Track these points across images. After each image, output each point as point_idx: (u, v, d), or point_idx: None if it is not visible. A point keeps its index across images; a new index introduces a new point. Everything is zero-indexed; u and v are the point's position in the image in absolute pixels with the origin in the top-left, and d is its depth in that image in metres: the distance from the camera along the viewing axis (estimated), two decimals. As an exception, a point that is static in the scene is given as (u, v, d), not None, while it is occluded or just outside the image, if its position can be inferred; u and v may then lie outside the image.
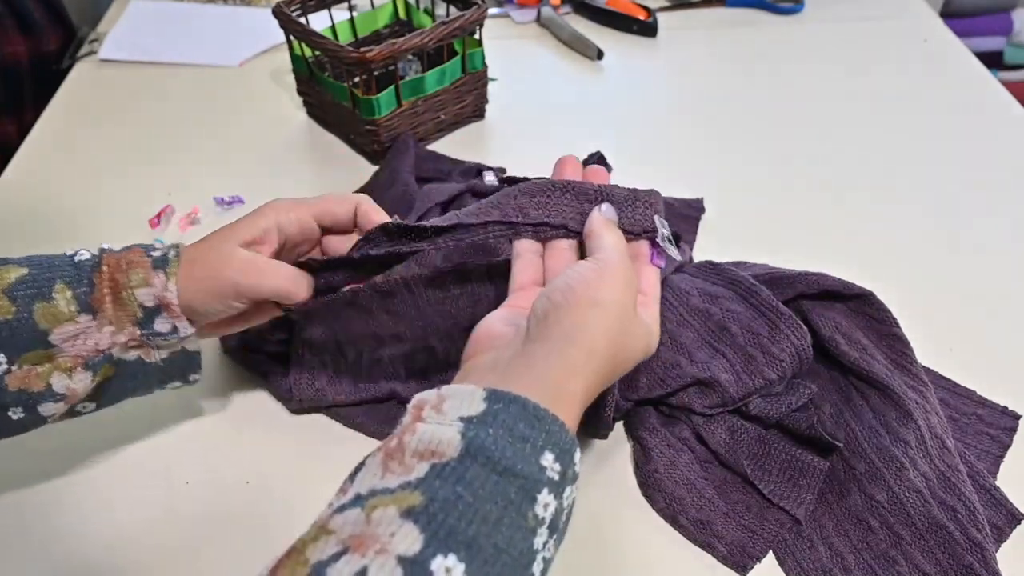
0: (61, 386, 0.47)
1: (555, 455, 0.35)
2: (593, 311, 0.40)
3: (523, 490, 0.33)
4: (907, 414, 0.55)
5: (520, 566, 0.32)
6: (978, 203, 0.80)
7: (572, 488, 0.37)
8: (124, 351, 0.49)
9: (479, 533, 0.31)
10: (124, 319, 0.48)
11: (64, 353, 0.47)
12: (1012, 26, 1.75)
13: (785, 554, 0.52)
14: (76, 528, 0.54)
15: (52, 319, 0.46)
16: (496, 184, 0.76)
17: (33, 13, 1.09)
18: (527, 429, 0.35)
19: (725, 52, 1.07)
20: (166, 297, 0.48)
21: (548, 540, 0.35)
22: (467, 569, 0.30)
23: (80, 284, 0.47)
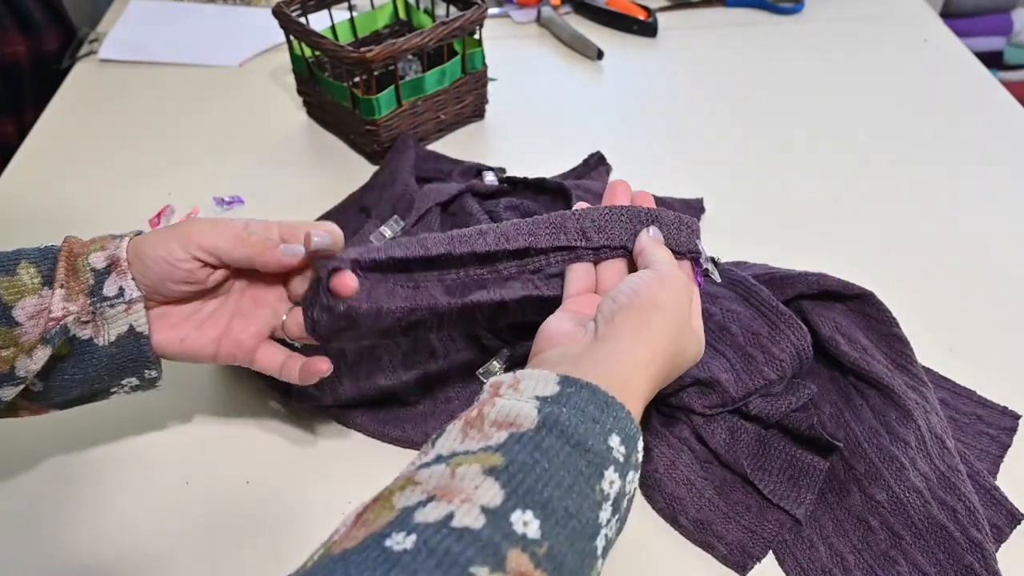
0: (23, 368, 0.47)
1: (621, 438, 0.38)
2: (656, 313, 0.43)
3: (592, 464, 0.36)
4: (907, 414, 0.55)
5: (587, 535, 0.35)
6: (978, 203, 0.80)
7: (635, 475, 0.39)
8: (79, 326, 0.48)
9: (553, 496, 0.34)
10: (75, 288, 0.47)
11: (27, 333, 0.46)
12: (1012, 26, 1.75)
13: (785, 554, 0.52)
14: (76, 528, 0.54)
15: (15, 293, 0.46)
16: (496, 184, 0.76)
17: (33, 13, 1.09)
18: (597, 412, 0.38)
19: (725, 52, 1.07)
20: (116, 254, 0.48)
21: (611, 518, 0.37)
22: (541, 525, 0.33)
23: (45, 263, 0.47)
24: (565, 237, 0.50)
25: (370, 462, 0.58)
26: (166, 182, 0.84)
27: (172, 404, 0.62)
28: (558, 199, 0.74)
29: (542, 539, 0.33)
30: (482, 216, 0.70)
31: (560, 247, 0.51)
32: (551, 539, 0.33)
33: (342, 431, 0.60)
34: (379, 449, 0.59)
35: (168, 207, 0.80)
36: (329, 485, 0.57)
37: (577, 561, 0.34)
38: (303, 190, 0.84)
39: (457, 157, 0.86)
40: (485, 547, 0.31)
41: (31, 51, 1.10)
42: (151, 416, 0.61)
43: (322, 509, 0.55)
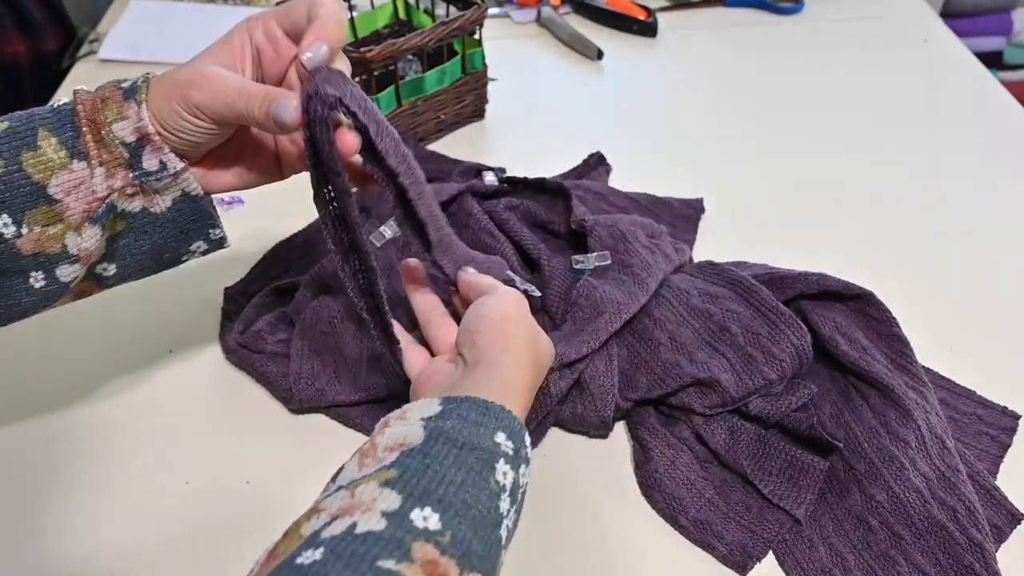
0: (74, 246, 0.46)
1: (507, 435, 0.40)
2: (509, 324, 0.47)
3: (482, 460, 0.38)
4: (907, 414, 0.55)
5: (489, 523, 0.37)
6: (978, 203, 0.80)
7: (527, 468, 0.42)
8: (125, 200, 0.46)
9: (448, 491, 0.36)
10: (112, 162, 0.45)
11: (71, 209, 0.45)
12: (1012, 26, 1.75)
13: (785, 554, 0.52)
14: (75, 528, 0.54)
15: (44, 169, 0.44)
16: (496, 184, 0.76)
17: (33, 13, 1.09)
18: (479, 416, 0.40)
19: (725, 52, 1.07)
20: (143, 127, 0.45)
21: (510, 509, 0.39)
22: (441, 517, 0.35)
23: (64, 129, 0.45)
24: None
25: (370, 462, 0.58)
26: (166, 182, 0.84)
27: (172, 404, 0.62)
28: (558, 199, 0.74)
29: (444, 529, 0.34)
30: (482, 216, 0.70)
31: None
32: (452, 528, 0.35)
33: (342, 431, 0.60)
34: (379, 449, 0.59)
35: (168, 207, 0.80)
36: (329, 485, 0.57)
37: (484, 547, 0.36)
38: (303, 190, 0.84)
39: (457, 157, 0.86)
40: (389, 543, 0.33)
41: (31, 51, 1.10)
42: (151, 416, 0.61)
43: (322, 509, 0.55)
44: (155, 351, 0.66)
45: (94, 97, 0.46)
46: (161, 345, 0.66)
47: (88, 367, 0.65)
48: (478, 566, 0.35)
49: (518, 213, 0.72)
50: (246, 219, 0.80)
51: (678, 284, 0.63)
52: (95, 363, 0.65)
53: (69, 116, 0.45)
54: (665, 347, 0.59)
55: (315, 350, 0.61)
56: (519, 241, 0.68)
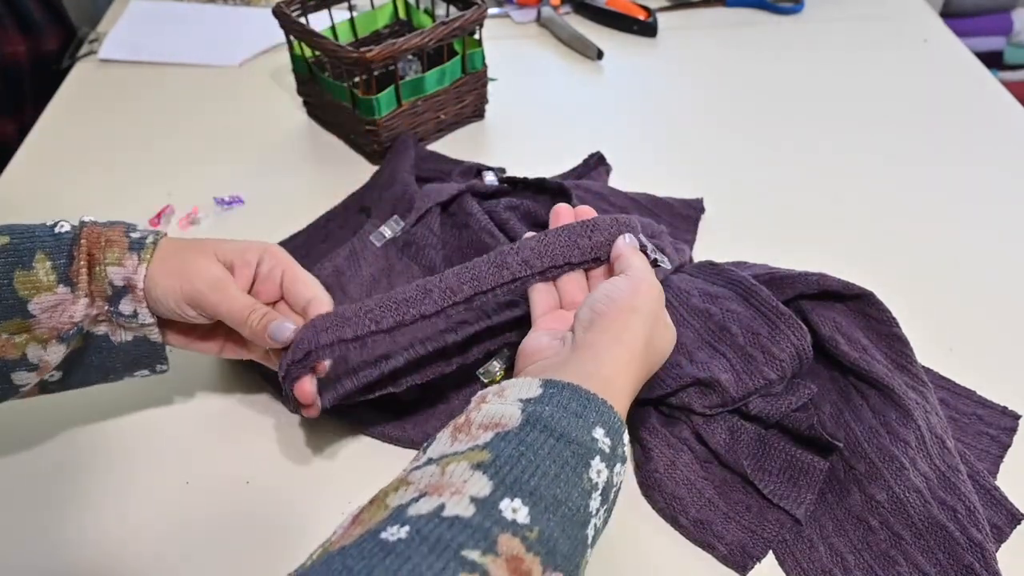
0: (35, 357, 0.49)
1: (605, 430, 0.40)
2: (633, 316, 0.46)
3: (577, 455, 0.38)
4: (907, 414, 0.55)
5: (577, 522, 0.36)
6: (978, 203, 0.80)
7: (622, 467, 0.41)
8: (93, 324, 0.51)
9: (540, 484, 0.36)
10: (96, 293, 0.50)
11: (41, 325, 0.49)
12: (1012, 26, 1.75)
13: (785, 554, 0.52)
14: (75, 528, 0.54)
15: (31, 288, 0.48)
16: (496, 184, 0.76)
17: (33, 13, 1.09)
18: (579, 407, 0.40)
19: (725, 52, 1.07)
20: (133, 280, 0.50)
21: (600, 508, 0.38)
22: (530, 512, 0.34)
23: (59, 256, 0.49)
24: (508, 272, 0.52)
25: (370, 462, 0.58)
26: (166, 182, 0.84)
27: (172, 404, 0.62)
28: (558, 199, 0.74)
29: (532, 524, 0.34)
30: (482, 216, 0.70)
31: (505, 282, 0.53)
32: (541, 524, 0.34)
33: (342, 431, 0.60)
34: (379, 449, 0.59)
35: (168, 207, 0.80)
36: (329, 485, 0.57)
37: (569, 546, 0.35)
38: (303, 190, 0.84)
39: (457, 157, 0.86)
40: (476, 532, 0.33)
41: (31, 51, 1.09)
42: (151, 416, 0.61)
43: (322, 509, 0.55)
44: (155, 351, 0.66)
45: (100, 233, 0.50)
46: (161, 345, 0.66)
47: (88, 367, 0.65)
48: (561, 565, 0.35)
49: (518, 213, 0.72)
50: (246, 219, 0.80)
51: (678, 284, 0.63)
52: (95, 363, 0.65)
53: (68, 245, 0.49)
54: (665, 347, 0.59)
55: (315, 350, 0.61)
56: (519, 241, 0.68)
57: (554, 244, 0.53)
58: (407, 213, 0.73)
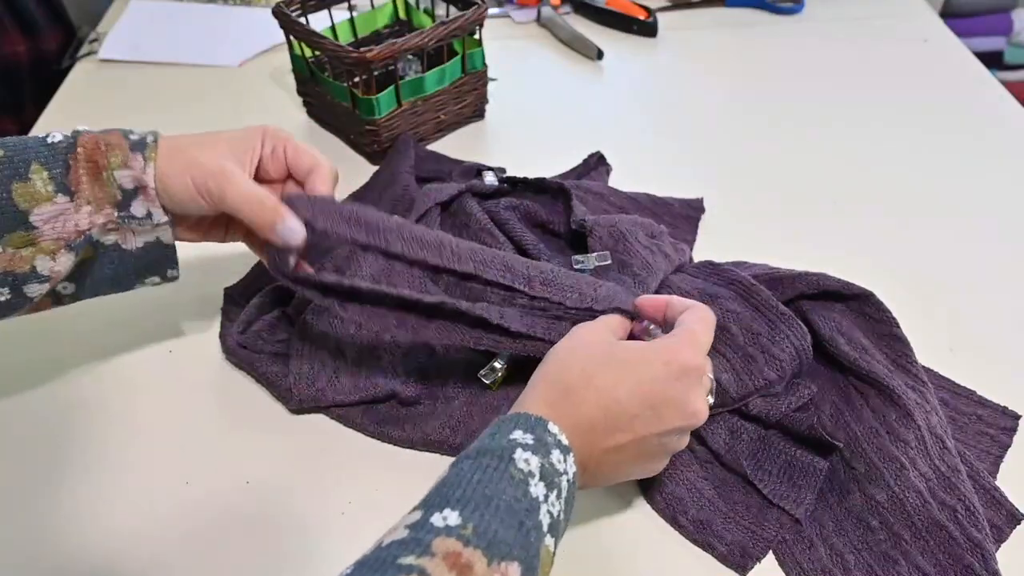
0: (45, 268, 0.50)
1: (523, 430, 0.41)
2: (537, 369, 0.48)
3: (497, 458, 0.39)
4: (907, 414, 0.55)
5: (520, 510, 0.37)
6: (978, 203, 0.80)
7: (560, 452, 0.41)
8: (103, 233, 0.51)
9: (466, 492, 0.37)
10: (103, 200, 0.50)
11: (45, 236, 0.49)
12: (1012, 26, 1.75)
13: (785, 554, 0.52)
14: (75, 528, 0.54)
15: (30, 199, 0.48)
16: (496, 184, 0.76)
17: (33, 13, 1.09)
18: (493, 430, 0.42)
19: (725, 52, 1.07)
20: (144, 179, 0.50)
21: (548, 493, 0.39)
22: (461, 513, 0.35)
23: (55, 165, 0.49)
24: (510, 276, 0.53)
25: (370, 462, 0.58)
26: (166, 182, 0.84)
27: (172, 404, 0.62)
28: (558, 199, 0.74)
29: (464, 522, 0.35)
30: (482, 216, 0.70)
31: (502, 284, 0.53)
32: (474, 520, 0.35)
33: (342, 431, 0.60)
34: (379, 449, 0.59)
35: (168, 207, 0.80)
36: (329, 485, 0.57)
37: (515, 535, 0.36)
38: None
39: (457, 157, 0.86)
40: (409, 544, 0.34)
41: (31, 51, 1.10)
42: (151, 416, 0.61)
43: (322, 509, 0.55)
44: (155, 351, 0.66)
45: (97, 139, 0.50)
46: (161, 345, 0.66)
47: (88, 367, 0.65)
48: (510, 554, 0.35)
49: (518, 213, 0.72)
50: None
51: (678, 284, 0.63)
52: (95, 363, 0.65)
53: (63, 153, 0.50)
54: (665, 347, 0.58)
55: (315, 350, 0.61)
56: (519, 241, 0.68)
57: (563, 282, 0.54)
58: (407, 213, 0.73)
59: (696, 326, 0.48)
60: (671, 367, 0.45)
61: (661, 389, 0.45)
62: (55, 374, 0.64)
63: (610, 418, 0.44)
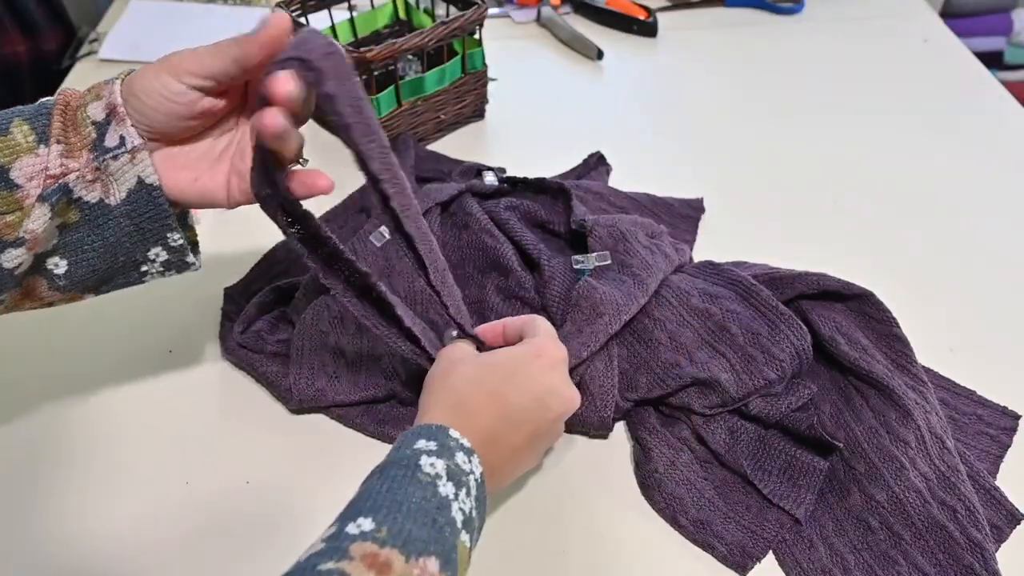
0: (24, 230, 0.44)
1: (426, 438, 0.43)
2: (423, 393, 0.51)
3: (403, 467, 0.40)
4: (907, 414, 0.55)
5: (430, 508, 0.38)
6: (978, 203, 0.80)
7: (464, 454, 0.43)
8: (83, 186, 0.45)
9: (376, 500, 0.38)
10: (76, 143, 0.45)
11: (30, 196, 0.44)
12: (1012, 26, 1.75)
13: (785, 554, 0.52)
14: (75, 528, 0.54)
15: (10, 153, 0.44)
16: (496, 184, 0.76)
17: (33, 13, 1.09)
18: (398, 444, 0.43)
19: (725, 52, 1.07)
20: (112, 100, 0.45)
21: (458, 491, 0.40)
22: (374, 519, 0.37)
23: (38, 119, 0.45)
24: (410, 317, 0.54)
25: (370, 462, 0.58)
26: (166, 182, 0.84)
27: (172, 404, 0.62)
28: (558, 199, 0.74)
29: (378, 527, 0.36)
30: (482, 216, 0.70)
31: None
32: (387, 523, 0.36)
33: (342, 431, 0.60)
34: (379, 449, 0.59)
35: (168, 207, 0.80)
36: (329, 485, 0.57)
37: (428, 531, 0.37)
38: (303, 190, 0.84)
39: (457, 157, 0.86)
40: (327, 552, 0.35)
41: (31, 51, 1.10)
42: (151, 416, 0.61)
43: (322, 509, 0.55)
44: (155, 351, 0.66)
45: (81, 91, 0.47)
46: (161, 345, 0.66)
47: (88, 367, 0.65)
48: (427, 550, 0.36)
49: (518, 213, 0.72)
50: (246, 219, 0.80)
51: (678, 284, 0.63)
52: (95, 363, 0.65)
53: (47, 108, 0.45)
54: (665, 347, 0.59)
55: (315, 350, 0.61)
56: (519, 241, 0.68)
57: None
58: (407, 213, 0.72)
59: (540, 324, 0.52)
60: (543, 360, 0.49)
61: (539, 381, 0.48)
62: (55, 374, 0.64)
63: (507, 420, 0.47)
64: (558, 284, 0.63)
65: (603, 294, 0.59)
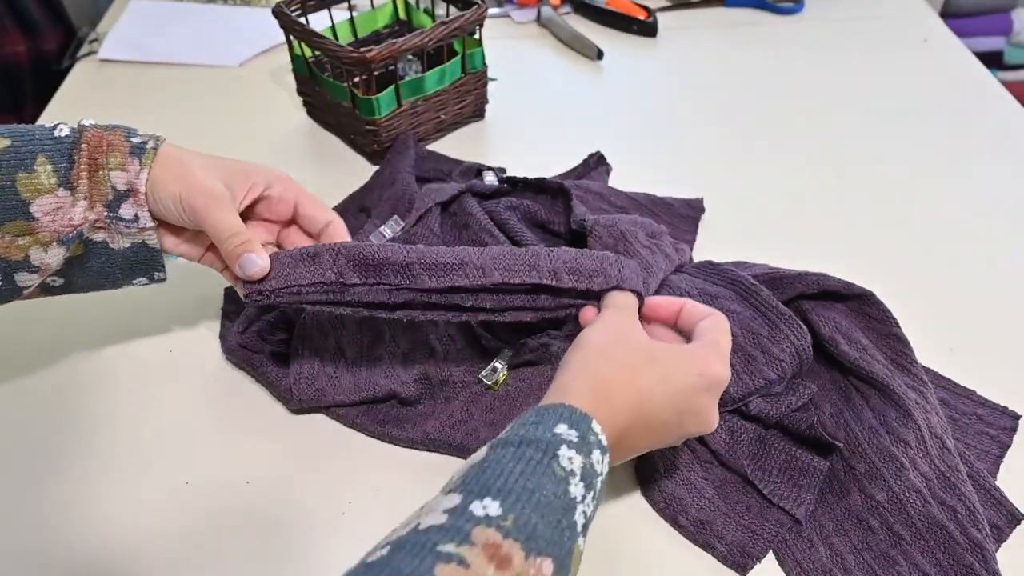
0: (37, 259, 0.51)
1: (568, 424, 0.41)
2: (575, 352, 0.48)
3: (542, 451, 0.39)
4: (907, 414, 0.55)
5: (558, 507, 0.37)
6: (978, 203, 0.80)
7: (601, 455, 0.41)
8: (92, 231, 0.52)
9: (508, 481, 0.37)
10: (96, 197, 0.51)
11: (43, 227, 0.50)
12: (1012, 26, 1.75)
13: (785, 554, 0.52)
14: (75, 528, 0.54)
15: (33, 191, 0.49)
16: (496, 184, 0.76)
17: (33, 13, 1.10)
18: (536, 418, 0.41)
19: (725, 52, 1.07)
20: (135, 184, 0.51)
21: (586, 495, 0.39)
22: (502, 504, 0.35)
23: (60, 159, 0.50)
24: (537, 274, 0.52)
25: (370, 462, 0.58)
26: (166, 182, 0.84)
27: (172, 404, 0.62)
28: (558, 199, 0.74)
29: (505, 514, 0.35)
30: (482, 216, 0.70)
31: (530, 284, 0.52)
32: (515, 512, 0.35)
33: (342, 431, 0.60)
34: (379, 449, 0.59)
35: (168, 207, 0.80)
36: (329, 485, 0.57)
37: (552, 531, 0.36)
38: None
39: (457, 157, 0.86)
40: (449, 531, 0.34)
41: (31, 51, 1.10)
42: (151, 416, 0.61)
43: (322, 509, 0.55)
44: (155, 351, 0.66)
45: (101, 135, 0.51)
46: (161, 345, 0.66)
47: (89, 367, 0.65)
48: (546, 550, 0.35)
49: (518, 213, 0.72)
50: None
51: (678, 284, 0.63)
52: (95, 363, 0.65)
53: (68, 148, 0.51)
54: (665, 347, 0.59)
55: (315, 350, 0.61)
56: (519, 241, 0.68)
57: (588, 265, 0.52)
58: (407, 213, 0.73)
59: (720, 337, 0.49)
60: (704, 379, 0.46)
61: (691, 399, 0.46)
62: (55, 374, 0.64)
63: (642, 421, 0.45)
64: (558, 284, 0.63)
65: (603, 294, 0.59)
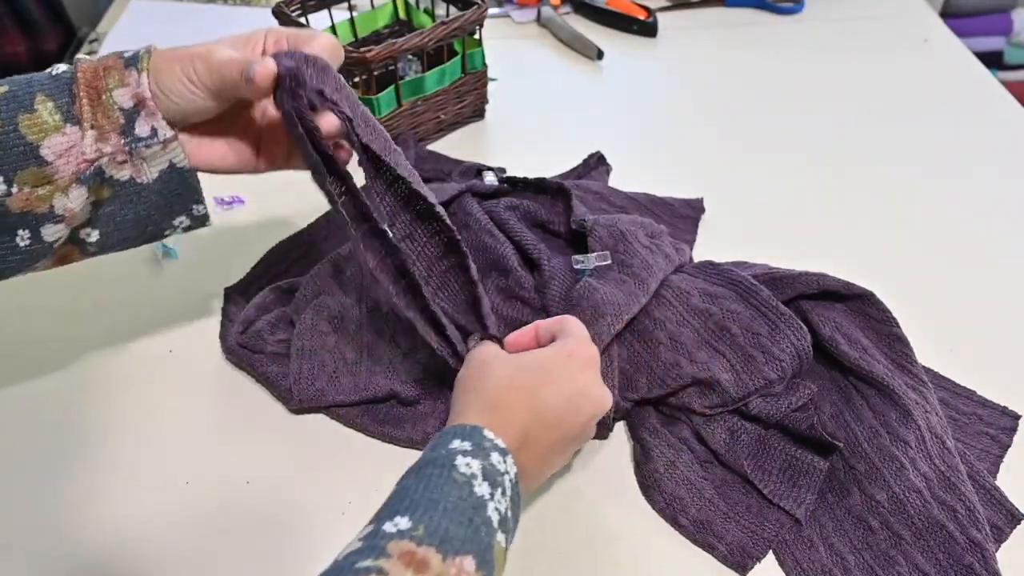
0: (60, 206, 0.48)
1: (461, 438, 0.43)
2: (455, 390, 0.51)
3: (439, 467, 0.41)
4: (907, 414, 0.55)
5: (467, 507, 0.39)
6: (978, 203, 0.80)
7: (499, 454, 0.43)
8: (115, 167, 0.49)
9: (413, 499, 0.39)
10: (106, 127, 0.48)
11: (60, 172, 0.47)
12: (1012, 26, 1.75)
13: (785, 554, 0.52)
14: (75, 528, 0.54)
15: (38, 131, 0.47)
16: (496, 184, 0.76)
17: (33, 13, 1.10)
18: (434, 443, 0.44)
19: (725, 52, 1.07)
20: (140, 93, 0.48)
21: (494, 491, 0.41)
22: (411, 518, 0.37)
23: (61, 95, 0.47)
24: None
25: (370, 462, 0.58)
26: (166, 182, 0.84)
27: (172, 404, 0.62)
28: (558, 199, 0.74)
29: (416, 525, 0.37)
30: (482, 216, 0.70)
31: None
32: (424, 521, 0.37)
33: (342, 431, 0.60)
34: (379, 449, 0.59)
35: (168, 207, 0.80)
36: (329, 485, 0.57)
37: (465, 530, 0.37)
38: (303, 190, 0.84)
39: (457, 157, 0.86)
40: (364, 551, 0.35)
41: (31, 51, 1.10)
42: (151, 416, 0.61)
43: (322, 509, 0.55)
44: (155, 351, 0.66)
45: (96, 66, 0.49)
46: (161, 345, 0.66)
47: (89, 367, 0.65)
48: (463, 549, 0.37)
49: (518, 213, 0.72)
50: (246, 219, 0.80)
51: (678, 284, 0.63)
52: (96, 363, 0.65)
53: (67, 83, 0.48)
54: (665, 347, 0.59)
55: (315, 350, 0.61)
56: (519, 241, 0.68)
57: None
58: (407, 213, 0.72)
59: (572, 326, 0.52)
60: (575, 359, 0.49)
61: (572, 381, 0.49)
62: (55, 374, 0.64)
63: (540, 420, 0.47)
64: (558, 284, 0.63)
65: (604, 295, 0.59)
